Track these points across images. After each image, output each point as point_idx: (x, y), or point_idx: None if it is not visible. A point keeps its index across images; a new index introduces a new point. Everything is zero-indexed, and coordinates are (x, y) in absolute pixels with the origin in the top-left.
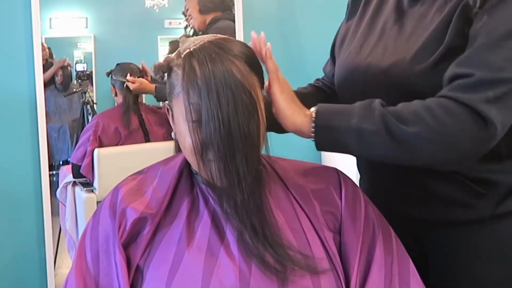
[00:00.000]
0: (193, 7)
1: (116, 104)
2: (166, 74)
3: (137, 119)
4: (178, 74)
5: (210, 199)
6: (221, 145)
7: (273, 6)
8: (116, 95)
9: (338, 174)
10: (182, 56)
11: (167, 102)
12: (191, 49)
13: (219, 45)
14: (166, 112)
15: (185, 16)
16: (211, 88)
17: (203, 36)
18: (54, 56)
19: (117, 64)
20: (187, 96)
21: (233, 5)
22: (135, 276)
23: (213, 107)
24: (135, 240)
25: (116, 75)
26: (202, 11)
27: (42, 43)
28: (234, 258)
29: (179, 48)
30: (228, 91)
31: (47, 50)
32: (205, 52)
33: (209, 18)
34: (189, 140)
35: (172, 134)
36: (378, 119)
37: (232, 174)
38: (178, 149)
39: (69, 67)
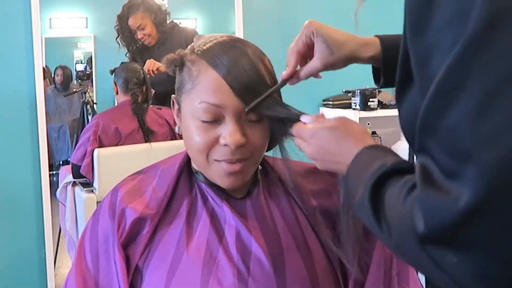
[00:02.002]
0: (150, 26)
1: (116, 104)
2: (177, 68)
3: (137, 120)
4: (190, 70)
5: (209, 198)
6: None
7: (273, 6)
8: (117, 93)
9: (336, 175)
10: (196, 52)
11: (173, 95)
12: (207, 47)
13: (234, 44)
14: (171, 105)
15: (124, 32)
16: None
17: (218, 34)
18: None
19: (121, 63)
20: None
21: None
22: (134, 276)
23: None
24: (135, 240)
25: (120, 75)
26: (160, 30)
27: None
28: (232, 258)
29: (192, 44)
30: None
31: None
32: (218, 56)
33: (162, 30)
34: (197, 139)
35: (176, 128)
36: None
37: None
38: None
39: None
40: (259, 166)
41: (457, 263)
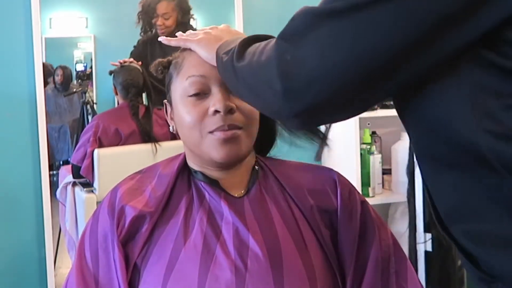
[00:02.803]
0: (173, 20)
1: (116, 104)
2: (166, 70)
3: (135, 122)
4: (176, 62)
5: (207, 195)
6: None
7: (273, 6)
8: (117, 93)
9: (334, 174)
10: (180, 49)
11: (165, 100)
12: None
13: None
14: (164, 110)
15: (149, 11)
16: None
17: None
18: None
19: (121, 66)
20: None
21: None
22: (133, 273)
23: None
24: (134, 238)
25: (118, 80)
26: (178, 27)
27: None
28: (230, 254)
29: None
30: None
31: None
32: None
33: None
34: (188, 117)
35: (171, 128)
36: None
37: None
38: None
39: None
40: (256, 167)
41: (290, 60)
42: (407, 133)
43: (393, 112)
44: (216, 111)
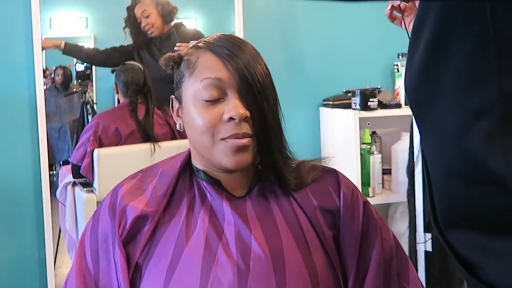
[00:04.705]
0: (155, 15)
1: (116, 104)
2: (176, 65)
3: (134, 122)
4: (189, 60)
5: (208, 195)
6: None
7: (273, 6)
8: (118, 92)
9: (337, 175)
10: (194, 46)
11: (173, 96)
12: (205, 40)
13: (232, 40)
14: (171, 107)
15: (130, 19)
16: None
17: (215, 33)
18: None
19: (123, 64)
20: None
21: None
22: (134, 274)
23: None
24: (135, 238)
25: (119, 78)
26: (166, 22)
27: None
28: (232, 255)
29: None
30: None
31: None
32: (216, 42)
33: (168, 26)
34: (200, 121)
35: (178, 126)
36: None
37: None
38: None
39: (69, 67)
40: (259, 167)
41: None
42: None
43: (393, 112)
44: (231, 118)
